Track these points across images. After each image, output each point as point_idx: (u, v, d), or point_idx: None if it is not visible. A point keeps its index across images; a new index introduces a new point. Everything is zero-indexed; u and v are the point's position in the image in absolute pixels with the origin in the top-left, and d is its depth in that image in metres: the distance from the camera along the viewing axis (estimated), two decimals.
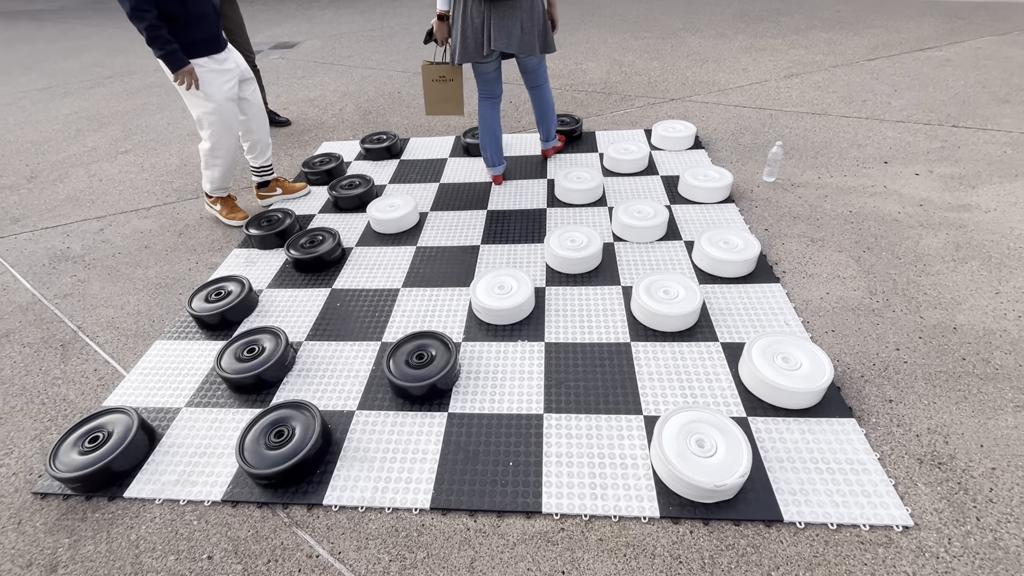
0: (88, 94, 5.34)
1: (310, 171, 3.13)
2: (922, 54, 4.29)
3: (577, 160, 3.14)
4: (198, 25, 2.25)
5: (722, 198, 2.61)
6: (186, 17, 2.18)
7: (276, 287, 2.30)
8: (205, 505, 1.48)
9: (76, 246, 2.77)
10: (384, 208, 2.64)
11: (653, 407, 1.62)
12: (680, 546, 1.29)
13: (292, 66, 5.57)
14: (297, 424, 1.57)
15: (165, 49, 2.15)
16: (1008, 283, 1.97)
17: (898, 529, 1.28)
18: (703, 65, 4.52)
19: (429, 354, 1.77)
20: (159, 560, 1.36)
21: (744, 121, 3.45)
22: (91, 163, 3.75)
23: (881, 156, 2.89)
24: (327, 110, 4.34)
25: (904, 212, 2.42)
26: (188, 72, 2.23)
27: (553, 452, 1.52)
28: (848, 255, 2.19)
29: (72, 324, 2.21)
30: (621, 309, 2.00)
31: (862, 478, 1.38)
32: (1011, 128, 3.04)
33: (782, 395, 1.55)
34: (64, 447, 1.58)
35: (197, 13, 2.22)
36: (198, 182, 3.32)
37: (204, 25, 2.27)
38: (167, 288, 2.38)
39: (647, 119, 3.61)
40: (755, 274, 2.12)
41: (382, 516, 1.41)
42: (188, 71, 2.23)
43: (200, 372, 1.90)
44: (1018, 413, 1.52)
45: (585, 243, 2.23)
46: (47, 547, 1.41)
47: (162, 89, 5.27)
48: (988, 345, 1.74)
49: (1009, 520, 1.28)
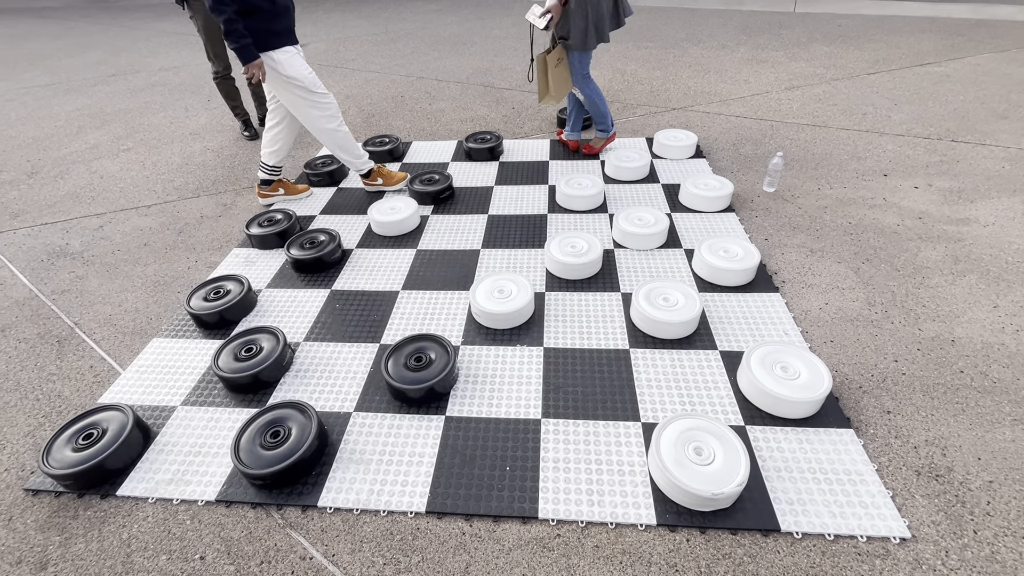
0: (91, 91, 5.35)
1: (311, 172, 3.13)
2: (922, 69, 4.33)
3: (578, 167, 3.15)
4: (283, 16, 2.38)
5: (722, 207, 2.62)
6: (273, 9, 2.32)
7: (275, 287, 2.30)
8: (199, 505, 1.46)
9: (75, 242, 2.76)
10: (385, 210, 2.65)
11: (651, 414, 1.62)
12: (677, 554, 1.29)
13: None
14: (293, 425, 1.56)
15: (240, 43, 2.24)
16: (1006, 297, 1.98)
17: (895, 541, 1.28)
18: (705, 76, 4.55)
19: (428, 357, 1.76)
20: (151, 560, 1.34)
21: (745, 131, 3.47)
22: (92, 160, 3.75)
23: (881, 169, 2.91)
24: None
25: (903, 225, 2.43)
26: (257, 65, 2.32)
27: (551, 457, 1.51)
28: (847, 266, 2.20)
29: (69, 320, 2.20)
30: (620, 316, 2.00)
31: (860, 489, 1.38)
32: (1009, 144, 3.06)
33: (780, 404, 1.55)
34: (58, 444, 1.57)
35: (283, 5, 2.37)
36: (200, 180, 3.32)
37: (288, 17, 2.42)
38: (165, 286, 2.37)
39: (649, 127, 3.63)
40: (755, 283, 2.12)
41: (377, 519, 1.40)
42: (258, 64, 2.32)
43: (197, 371, 1.89)
44: (1016, 427, 1.52)
45: (585, 249, 2.23)
46: (37, 544, 1.39)
47: (165, 88, 5.28)
48: (986, 358, 1.74)
49: (1006, 534, 1.28)
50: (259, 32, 2.30)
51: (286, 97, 2.54)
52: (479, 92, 4.55)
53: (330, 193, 3.06)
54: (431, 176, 2.95)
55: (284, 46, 2.40)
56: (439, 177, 2.93)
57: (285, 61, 2.40)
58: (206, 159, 3.63)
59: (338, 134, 2.70)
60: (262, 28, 2.30)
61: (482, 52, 5.73)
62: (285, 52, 2.40)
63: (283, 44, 2.39)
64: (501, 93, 4.50)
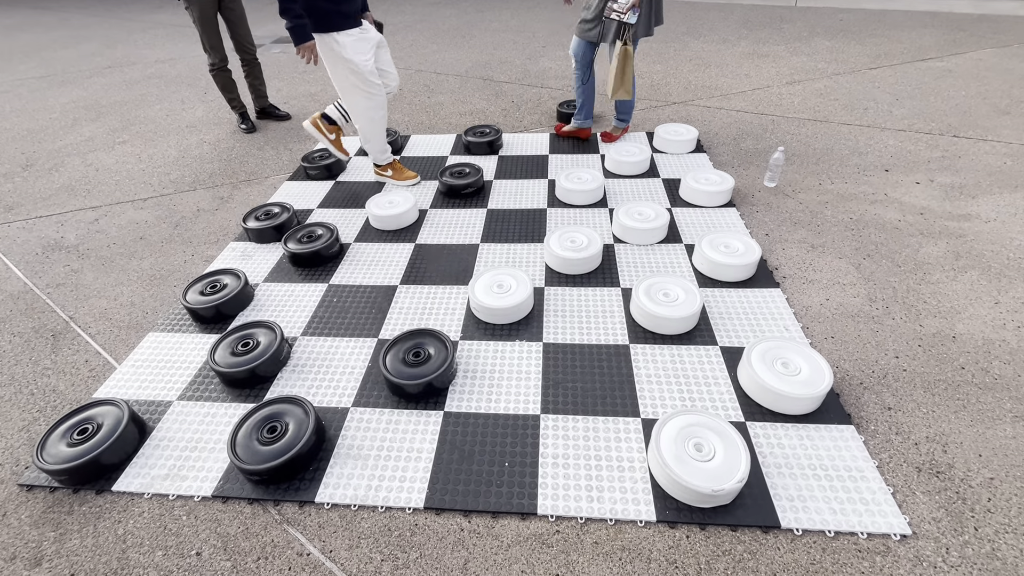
0: (86, 83, 5.29)
1: (309, 166, 3.10)
2: (923, 64, 4.31)
3: (578, 161, 3.13)
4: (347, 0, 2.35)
5: (723, 202, 2.60)
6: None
7: (272, 281, 2.28)
8: (195, 500, 1.45)
9: (70, 236, 2.73)
10: (383, 204, 2.62)
11: (651, 410, 1.61)
12: (676, 551, 1.28)
13: (293, 60, 5.55)
14: (291, 420, 1.55)
15: (294, 23, 2.22)
16: (1007, 293, 1.97)
17: (896, 538, 1.27)
18: (706, 70, 4.52)
19: (426, 352, 1.75)
20: (146, 555, 1.33)
21: (746, 126, 3.45)
22: (87, 152, 3.72)
23: (882, 164, 2.89)
24: (327, 105, 4.30)
25: (904, 220, 2.42)
26: (308, 48, 2.29)
27: (550, 453, 1.50)
28: (848, 262, 2.19)
29: (64, 314, 2.18)
30: (620, 311, 1.99)
31: (860, 485, 1.37)
32: (1011, 139, 3.05)
33: (781, 400, 1.54)
34: (52, 439, 1.55)
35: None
36: (197, 174, 3.29)
37: (352, 1, 2.38)
38: (161, 280, 2.35)
39: (649, 122, 3.60)
40: (755, 279, 2.11)
41: (375, 515, 1.39)
42: (309, 47, 2.29)
43: (193, 365, 1.88)
44: (1017, 423, 1.52)
45: (585, 244, 2.22)
46: (32, 540, 1.38)
47: (161, 80, 5.23)
48: (987, 355, 1.73)
49: (1007, 531, 1.27)
50: (324, 12, 2.27)
51: (340, 80, 2.53)
52: (478, 85, 4.52)
53: (328, 187, 3.03)
54: (461, 169, 2.93)
55: (348, 28, 2.38)
56: (469, 170, 2.91)
57: (348, 44, 2.39)
58: (203, 152, 3.60)
59: (376, 126, 2.72)
60: (329, 8, 2.27)
61: (481, 45, 5.68)
62: (349, 35, 2.39)
63: (347, 26, 2.37)
64: (500, 86, 4.46)
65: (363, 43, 2.46)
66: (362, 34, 2.46)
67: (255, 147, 3.62)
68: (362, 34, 2.46)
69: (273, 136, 3.78)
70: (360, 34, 2.45)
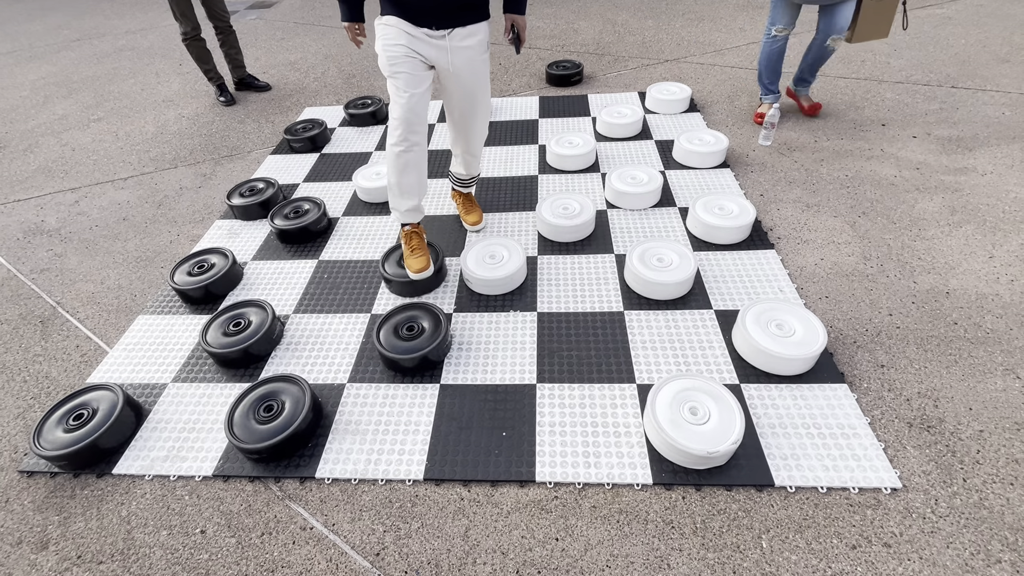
0: (55, 58, 5.07)
1: (293, 138, 3.01)
2: (923, 12, 4.17)
3: (569, 125, 3.05)
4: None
5: (717, 163, 2.55)
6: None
7: (261, 259, 2.24)
8: (196, 480, 1.46)
9: (51, 219, 2.67)
10: (371, 176, 2.56)
11: (646, 375, 1.61)
12: (672, 511, 1.30)
13: (270, 27, 5.32)
14: (287, 398, 1.55)
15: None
16: (1002, 247, 1.96)
17: (886, 491, 1.30)
18: (698, 24, 4.37)
19: (420, 325, 1.74)
20: (151, 535, 1.35)
21: (740, 83, 3.35)
22: (62, 132, 3.59)
23: (879, 118, 2.83)
24: (309, 74, 4.16)
25: (900, 176, 2.38)
26: (347, 28, 1.85)
27: (546, 422, 1.51)
28: (843, 220, 2.16)
29: (51, 300, 2.15)
30: (614, 277, 1.97)
31: (852, 442, 1.39)
32: (1010, 88, 2.98)
33: (775, 362, 1.55)
34: (48, 425, 1.55)
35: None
36: (177, 150, 3.19)
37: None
38: (148, 261, 2.31)
39: (641, 81, 3.50)
40: (750, 240, 2.09)
41: (375, 488, 1.41)
42: (347, 27, 1.85)
43: (186, 347, 1.86)
44: (1007, 376, 1.53)
45: (578, 211, 2.18)
46: (36, 525, 1.39)
47: (134, 53, 5.02)
48: (980, 309, 1.74)
49: (995, 480, 1.30)
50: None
51: None
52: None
53: (313, 160, 2.95)
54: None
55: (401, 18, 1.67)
56: None
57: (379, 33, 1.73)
58: (182, 127, 3.48)
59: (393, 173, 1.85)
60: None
61: None
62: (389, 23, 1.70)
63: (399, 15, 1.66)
64: None
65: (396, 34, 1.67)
66: (433, 39, 1.67)
67: (236, 120, 3.51)
68: (433, 39, 1.67)
69: (254, 108, 3.66)
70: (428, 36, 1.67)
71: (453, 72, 1.75)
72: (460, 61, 1.73)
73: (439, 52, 1.70)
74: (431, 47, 1.68)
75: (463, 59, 1.73)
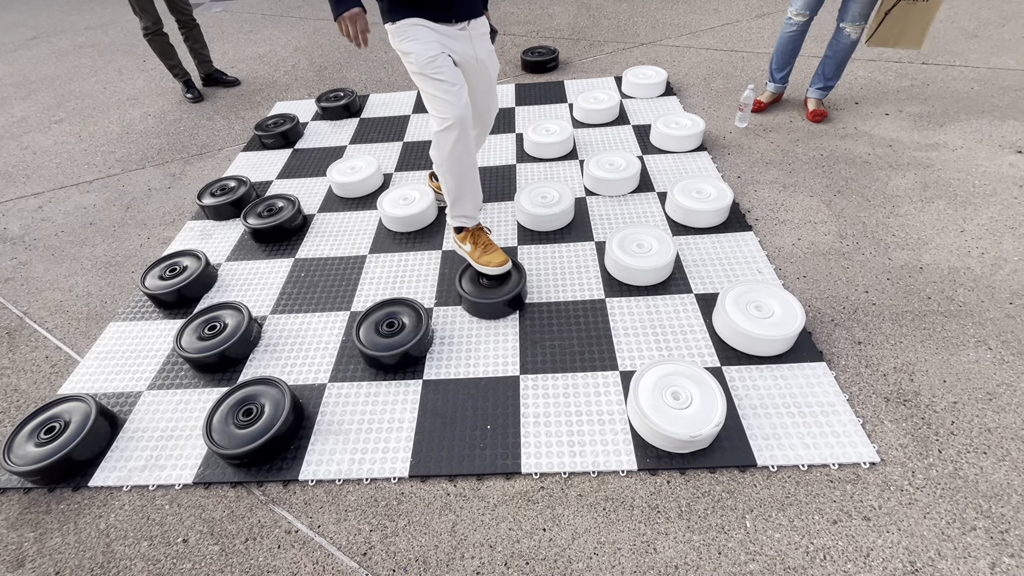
0: (11, 57, 4.87)
1: (264, 134, 2.93)
2: None
3: (545, 112, 3.02)
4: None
5: (694, 146, 2.55)
6: None
7: (235, 260, 2.19)
8: (176, 489, 1.43)
9: (13, 226, 2.57)
10: (345, 171, 2.51)
11: (629, 362, 1.62)
12: (658, 496, 1.31)
13: (237, 19, 5.16)
14: (266, 401, 1.52)
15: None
16: (972, 221, 2.00)
17: (865, 466, 1.32)
18: (674, 6, 4.34)
19: (400, 321, 1.72)
20: (132, 547, 1.32)
21: (716, 64, 3.35)
22: (22, 135, 3.46)
23: (852, 96, 2.85)
24: (279, 67, 4.05)
25: (874, 154, 2.41)
26: (350, 22, 1.65)
27: (531, 413, 1.51)
28: (819, 199, 2.18)
29: (16, 310, 2.07)
30: (595, 265, 1.97)
31: (831, 419, 1.42)
32: (978, 63, 3.02)
33: (755, 343, 1.56)
34: (19, 440, 1.50)
35: None
36: (144, 150, 3.09)
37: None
38: (117, 266, 2.24)
39: (617, 66, 3.47)
40: (728, 223, 2.09)
41: (360, 487, 1.39)
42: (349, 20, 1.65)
43: (160, 353, 1.81)
44: (979, 347, 1.57)
45: (557, 199, 2.16)
46: (11, 542, 1.35)
47: (94, 50, 4.84)
48: (952, 283, 1.77)
49: (968, 450, 1.34)
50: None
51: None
52: None
53: (285, 156, 2.88)
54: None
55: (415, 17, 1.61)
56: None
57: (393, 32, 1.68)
58: (147, 126, 3.37)
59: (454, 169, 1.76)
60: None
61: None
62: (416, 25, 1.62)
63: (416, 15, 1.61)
64: None
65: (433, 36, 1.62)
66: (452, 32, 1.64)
67: (204, 117, 3.41)
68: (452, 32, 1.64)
69: (223, 104, 3.55)
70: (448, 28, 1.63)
71: (478, 63, 1.74)
72: (483, 50, 1.74)
73: (465, 45, 1.68)
74: (457, 41, 1.66)
75: (485, 48, 1.74)
